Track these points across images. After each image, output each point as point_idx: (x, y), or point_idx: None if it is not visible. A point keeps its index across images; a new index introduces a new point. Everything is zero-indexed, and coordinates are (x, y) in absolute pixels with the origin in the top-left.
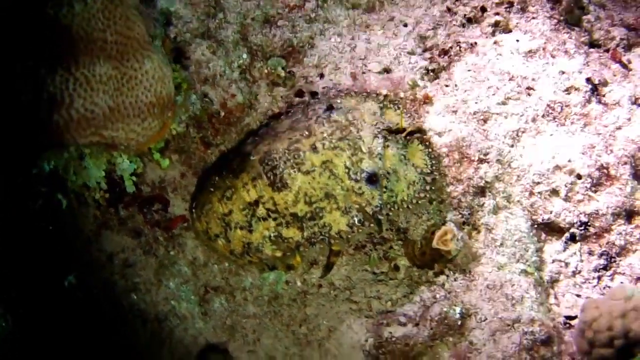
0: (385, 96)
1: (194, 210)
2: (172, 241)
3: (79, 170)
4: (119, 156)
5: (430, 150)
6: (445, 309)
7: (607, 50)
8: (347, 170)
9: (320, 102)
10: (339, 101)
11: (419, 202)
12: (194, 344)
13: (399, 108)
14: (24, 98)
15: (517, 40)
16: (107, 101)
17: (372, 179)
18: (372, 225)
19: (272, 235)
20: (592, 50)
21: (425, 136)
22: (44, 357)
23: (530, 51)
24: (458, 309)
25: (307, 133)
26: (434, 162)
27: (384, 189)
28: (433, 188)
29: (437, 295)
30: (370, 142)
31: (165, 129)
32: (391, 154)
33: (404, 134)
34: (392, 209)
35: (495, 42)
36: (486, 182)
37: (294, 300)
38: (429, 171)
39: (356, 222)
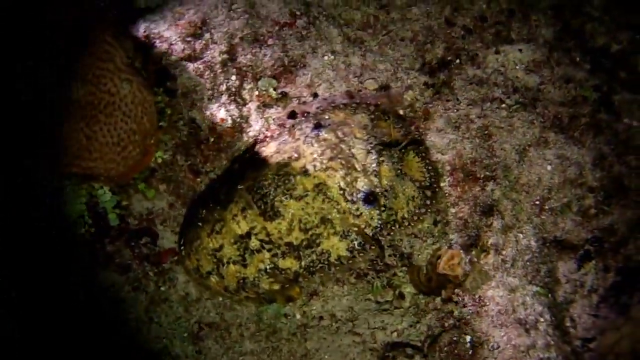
0: (376, 106)
1: (182, 248)
2: (163, 276)
3: (59, 204)
4: (99, 188)
5: (427, 161)
6: (455, 338)
7: (614, 55)
8: (342, 192)
9: (308, 120)
10: (326, 117)
11: (421, 218)
12: None
13: (388, 119)
14: None
15: (520, 50)
16: (83, 129)
17: (369, 198)
18: (373, 247)
19: (267, 267)
20: (598, 56)
21: (420, 147)
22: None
23: (534, 60)
24: (468, 338)
25: (296, 155)
26: (432, 174)
27: (383, 208)
28: (434, 202)
29: (446, 324)
30: (364, 158)
31: (148, 157)
32: (387, 169)
33: (399, 147)
34: (393, 228)
35: (497, 52)
36: (493, 200)
37: (293, 334)
38: (428, 184)
39: (356, 245)
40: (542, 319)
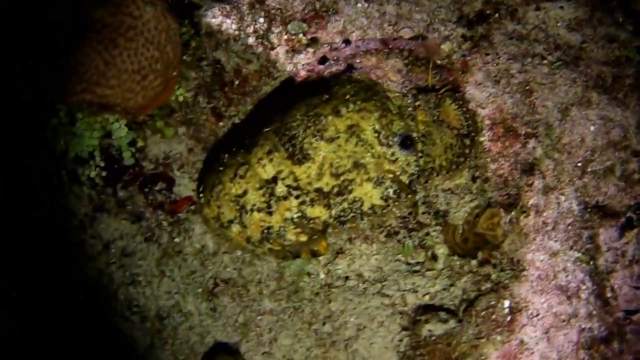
0: (410, 51)
1: (202, 195)
2: (177, 226)
3: (70, 138)
4: (115, 121)
5: (465, 109)
6: (492, 303)
7: None
8: (376, 135)
9: (338, 64)
10: (358, 61)
11: (459, 167)
12: (200, 343)
13: (425, 64)
14: None
15: (562, 8)
16: (101, 53)
17: (406, 142)
18: (409, 196)
19: (295, 216)
20: None
21: (457, 94)
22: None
23: (576, 18)
24: (507, 303)
25: (327, 96)
26: (470, 122)
27: (420, 154)
28: (472, 151)
29: (483, 288)
30: (400, 101)
31: (169, 91)
32: (424, 114)
33: (436, 93)
34: (431, 176)
35: (537, 9)
36: (534, 158)
37: (316, 294)
38: (466, 132)
39: (391, 194)
40: (584, 287)
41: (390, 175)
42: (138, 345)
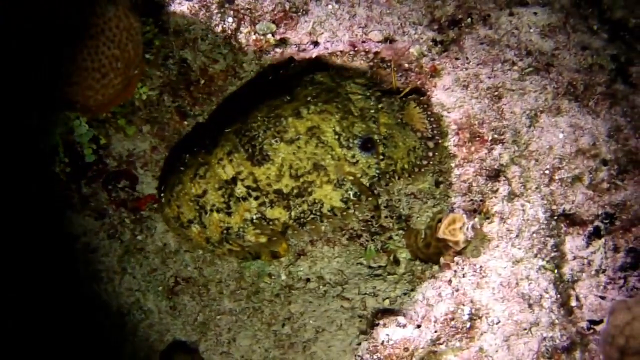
0: (376, 54)
1: (162, 194)
2: (140, 224)
3: (34, 138)
4: (75, 118)
5: (429, 112)
6: (452, 309)
7: (632, 31)
8: (337, 137)
9: (302, 64)
10: (323, 62)
11: (422, 170)
12: (159, 341)
13: (388, 67)
14: None
15: (535, 14)
16: (63, 51)
17: (367, 145)
18: (370, 199)
19: (254, 217)
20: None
21: (422, 97)
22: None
23: (549, 25)
24: (467, 309)
25: (288, 97)
26: (434, 125)
27: (381, 156)
28: (436, 154)
29: (443, 293)
30: (362, 103)
31: (130, 89)
32: (386, 116)
33: (400, 96)
34: (392, 179)
35: (510, 14)
36: (500, 164)
37: (277, 295)
38: (430, 135)
39: (351, 196)
40: (547, 295)
41: (351, 178)
42: (101, 341)
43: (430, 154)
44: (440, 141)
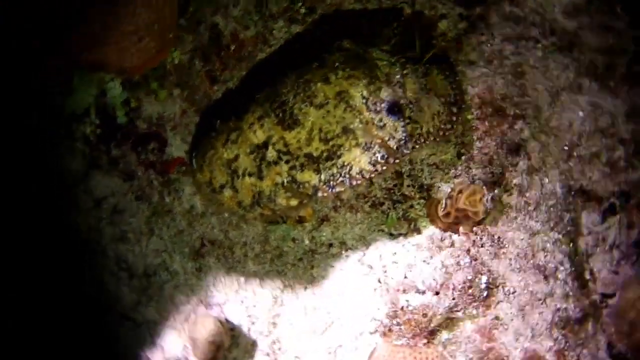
0: (399, 21)
1: (194, 159)
2: (168, 186)
3: (66, 95)
4: (110, 80)
5: (452, 79)
6: (469, 278)
7: None
8: (364, 101)
9: (327, 32)
10: (348, 29)
11: (447, 134)
12: (185, 302)
13: (413, 33)
14: None
15: None
16: (100, 13)
17: (394, 109)
18: (397, 161)
19: (285, 180)
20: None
21: (444, 64)
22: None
23: (573, 4)
24: (484, 279)
25: (316, 63)
26: (457, 91)
27: (408, 120)
28: (460, 118)
29: (461, 262)
30: (388, 69)
31: (164, 53)
32: (412, 81)
33: (423, 61)
34: (418, 142)
35: None
36: (521, 139)
37: (300, 259)
38: (453, 101)
39: (379, 158)
40: (562, 268)
41: (379, 141)
42: (125, 302)
43: (454, 118)
44: (462, 106)
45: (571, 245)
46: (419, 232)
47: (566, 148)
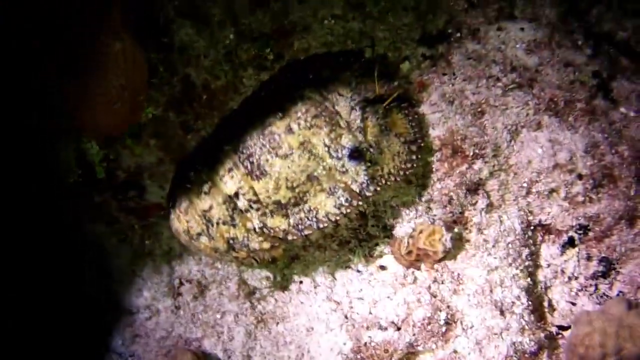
0: (360, 63)
1: (172, 210)
2: (148, 230)
3: (49, 154)
4: (87, 141)
5: (411, 117)
6: (429, 315)
7: (618, 43)
8: (327, 149)
9: (292, 79)
10: (310, 76)
11: (407, 172)
12: (165, 337)
13: (373, 74)
14: None
15: (522, 29)
16: (73, 83)
17: (354, 154)
18: (360, 203)
19: (256, 226)
20: (601, 41)
21: (403, 104)
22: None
23: (535, 40)
24: (443, 315)
25: (280, 114)
26: (416, 129)
27: (369, 163)
28: (419, 157)
29: (422, 299)
30: (348, 115)
31: (137, 114)
32: (371, 125)
33: (384, 104)
34: (380, 183)
35: (499, 29)
36: (480, 178)
37: (272, 296)
38: (412, 139)
39: (343, 202)
40: (518, 303)
41: (342, 185)
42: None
43: (414, 157)
44: (422, 144)
45: (529, 279)
46: (383, 268)
47: (525, 185)
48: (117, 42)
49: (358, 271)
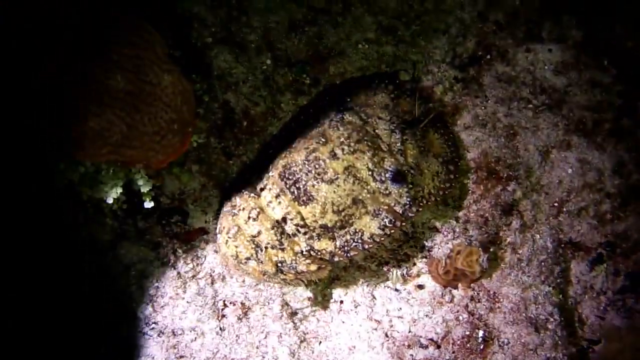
0: (395, 86)
1: (219, 235)
2: (191, 253)
3: (95, 185)
4: (137, 172)
5: (446, 137)
6: (467, 332)
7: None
8: (370, 172)
9: (330, 103)
10: (348, 99)
11: (446, 192)
12: (211, 359)
13: (408, 96)
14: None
15: (550, 50)
16: (124, 118)
17: (397, 177)
18: (404, 224)
19: (304, 249)
20: (625, 59)
21: (439, 124)
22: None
23: (563, 62)
24: (481, 332)
25: (323, 140)
26: (452, 148)
27: (410, 185)
28: (457, 175)
29: (460, 317)
30: (389, 139)
31: (185, 145)
32: (411, 147)
33: (421, 125)
34: (421, 204)
35: (527, 51)
36: (514, 199)
37: (314, 316)
38: (449, 159)
39: (387, 223)
40: (551, 319)
41: (385, 207)
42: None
43: (452, 176)
44: (459, 163)
45: (561, 296)
46: (421, 287)
47: (556, 204)
48: (166, 75)
49: (396, 290)
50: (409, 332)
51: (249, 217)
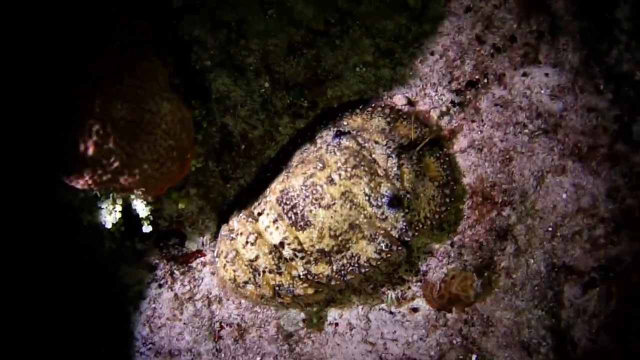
0: (391, 109)
1: (217, 259)
2: (188, 275)
3: (94, 211)
4: (135, 198)
5: (442, 161)
6: (461, 357)
7: (637, 83)
8: (367, 198)
9: (327, 127)
10: (345, 123)
11: (442, 216)
12: None
13: (405, 120)
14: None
15: (547, 75)
16: (124, 147)
17: (394, 202)
18: (400, 248)
19: (301, 273)
20: (621, 83)
21: (434, 147)
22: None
23: (559, 86)
24: (474, 357)
25: (320, 165)
26: (448, 172)
27: (406, 210)
28: (453, 199)
29: (454, 341)
30: (385, 163)
31: (184, 171)
32: (407, 171)
33: (416, 149)
34: (417, 228)
35: (524, 75)
36: (508, 224)
37: (309, 338)
38: (445, 182)
39: (383, 247)
40: (544, 343)
41: (382, 232)
42: None
43: (448, 200)
44: (455, 187)
45: (553, 319)
46: (415, 310)
47: (550, 229)
48: (165, 103)
49: (391, 313)
50: (403, 355)
51: (247, 242)
